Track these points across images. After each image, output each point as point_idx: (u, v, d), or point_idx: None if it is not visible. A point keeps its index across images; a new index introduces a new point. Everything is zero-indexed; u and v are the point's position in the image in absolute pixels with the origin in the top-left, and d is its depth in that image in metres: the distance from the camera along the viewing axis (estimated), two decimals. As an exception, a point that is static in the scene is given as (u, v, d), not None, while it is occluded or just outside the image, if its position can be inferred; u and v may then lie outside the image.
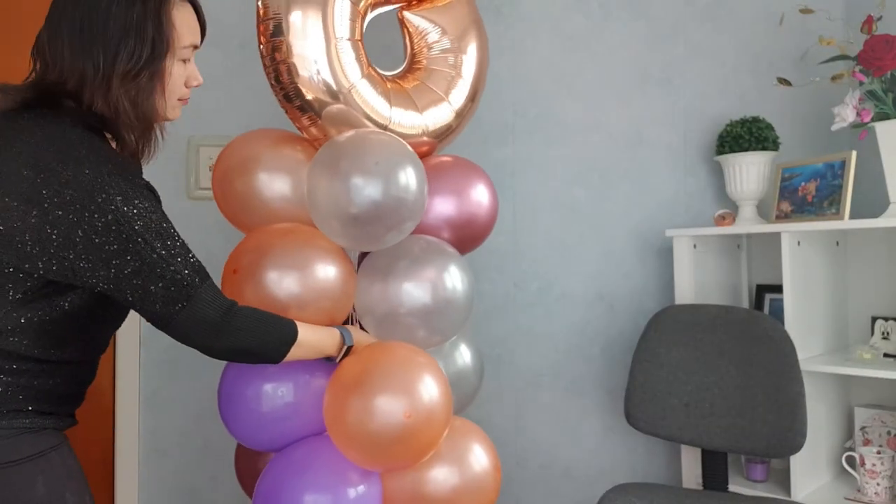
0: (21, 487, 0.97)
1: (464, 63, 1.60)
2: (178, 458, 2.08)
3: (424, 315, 1.42)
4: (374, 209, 1.34)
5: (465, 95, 1.60)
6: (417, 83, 1.56)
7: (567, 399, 2.17)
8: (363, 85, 1.42)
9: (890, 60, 1.65)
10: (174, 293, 1.03)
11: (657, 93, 2.17)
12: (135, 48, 1.05)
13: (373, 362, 1.32)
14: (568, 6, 2.19)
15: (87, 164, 0.98)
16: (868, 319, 1.93)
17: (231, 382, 1.39)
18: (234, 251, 1.40)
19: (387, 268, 1.43)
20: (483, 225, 1.61)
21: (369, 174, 1.34)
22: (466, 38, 1.62)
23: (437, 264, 1.44)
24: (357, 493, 1.31)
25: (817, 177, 1.86)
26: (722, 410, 1.70)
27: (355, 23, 1.43)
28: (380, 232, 1.38)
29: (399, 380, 1.30)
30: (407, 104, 1.50)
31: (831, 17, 1.98)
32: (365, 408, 1.27)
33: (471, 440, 1.46)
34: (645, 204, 2.16)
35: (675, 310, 1.85)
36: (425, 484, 1.38)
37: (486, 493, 1.44)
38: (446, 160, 1.63)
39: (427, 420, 1.30)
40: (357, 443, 1.29)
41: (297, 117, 1.44)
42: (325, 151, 1.39)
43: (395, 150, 1.39)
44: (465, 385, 1.59)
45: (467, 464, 1.42)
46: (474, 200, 1.57)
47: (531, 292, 2.17)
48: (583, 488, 2.15)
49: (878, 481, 1.69)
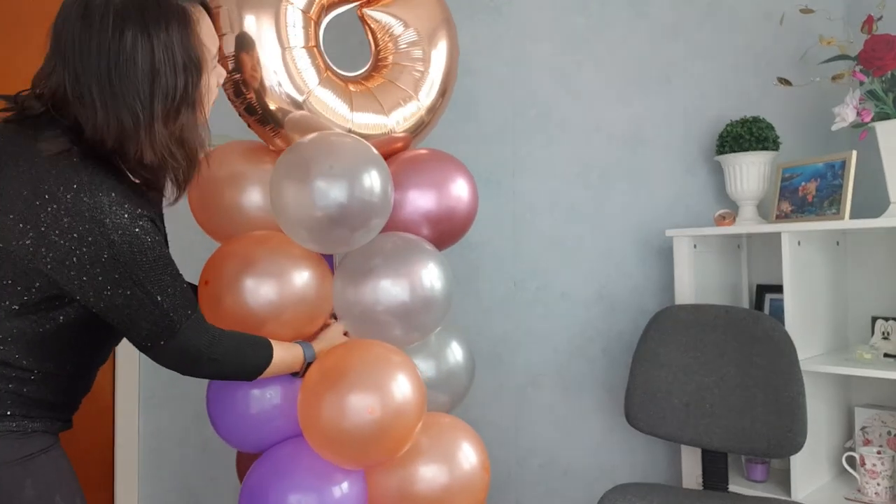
0: (9, 490, 0.97)
1: (432, 57, 1.57)
2: (178, 458, 2.08)
3: (402, 313, 1.41)
4: (338, 211, 1.33)
5: (436, 90, 1.57)
6: (383, 81, 1.54)
7: (567, 399, 2.17)
8: (321, 91, 1.42)
9: (890, 60, 1.65)
10: (159, 330, 1.05)
11: (657, 93, 2.17)
12: (168, 82, 0.99)
13: (343, 361, 1.34)
14: (568, 6, 2.19)
15: (86, 192, 0.95)
16: (868, 319, 1.93)
17: (218, 386, 1.42)
18: (207, 262, 1.40)
19: (360, 268, 1.42)
20: (463, 219, 1.58)
21: (329, 177, 1.33)
22: (434, 31, 1.59)
23: (412, 261, 1.43)
24: (342, 491, 1.32)
25: (817, 177, 1.86)
26: (722, 410, 1.70)
27: (308, 29, 1.43)
28: (345, 234, 1.37)
29: (368, 377, 1.31)
30: (371, 106, 1.49)
31: (832, 17, 1.98)
32: (334, 406, 1.29)
33: (459, 438, 1.46)
34: (645, 204, 2.16)
35: (676, 310, 1.85)
36: (413, 483, 1.38)
37: (475, 492, 1.44)
38: (423, 153, 1.59)
39: (396, 416, 1.30)
40: (329, 441, 1.31)
41: (261, 130, 1.45)
42: (285, 157, 1.39)
43: (356, 153, 1.38)
44: (456, 383, 1.58)
45: (455, 462, 1.42)
46: (454, 195, 1.55)
47: (531, 292, 2.17)
48: (583, 488, 2.15)
49: (878, 481, 1.69)
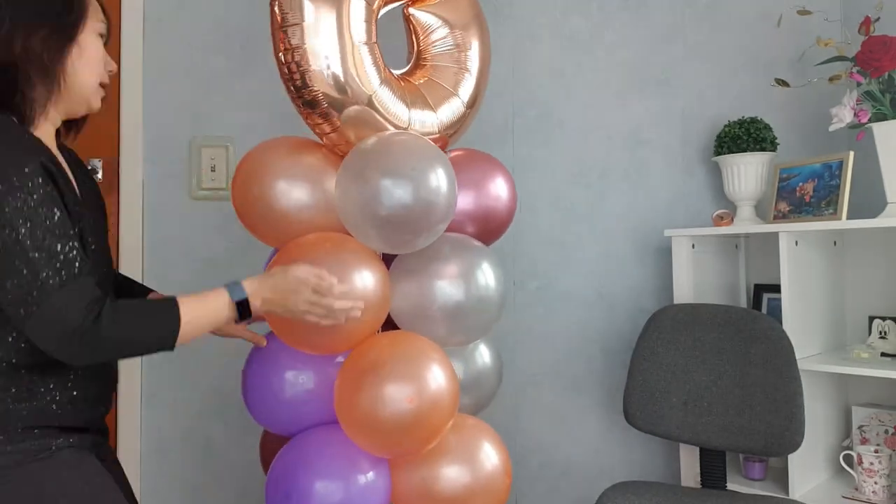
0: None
1: (469, 56, 1.61)
2: (180, 457, 2.09)
3: (457, 313, 1.45)
4: (405, 213, 1.34)
5: (473, 88, 1.61)
6: (426, 79, 1.57)
7: (566, 398, 2.18)
8: (383, 91, 1.42)
9: (887, 61, 1.66)
10: (25, 294, 0.95)
11: (656, 93, 2.18)
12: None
13: (386, 353, 1.36)
14: (568, 7, 2.20)
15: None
16: (865, 319, 1.94)
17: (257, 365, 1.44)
18: (268, 267, 1.40)
19: (418, 268, 1.46)
20: (502, 218, 1.63)
21: (402, 177, 1.34)
22: (470, 30, 1.63)
23: (467, 261, 1.47)
24: (367, 480, 1.35)
25: (815, 177, 1.87)
26: (720, 409, 1.71)
27: (371, 24, 1.42)
28: (409, 237, 1.39)
29: (408, 368, 1.33)
30: (422, 104, 1.51)
31: (829, 19, 1.99)
32: (374, 394, 1.30)
33: (482, 440, 1.47)
34: (644, 204, 2.17)
35: (674, 309, 1.86)
36: (435, 481, 1.40)
37: (496, 494, 1.45)
38: (461, 154, 1.64)
39: (432, 407, 1.33)
40: (365, 427, 1.32)
41: (318, 124, 1.42)
42: (352, 157, 1.39)
43: (426, 153, 1.39)
44: (485, 385, 1.61)
45: (478, 463, 1.43)
46: (493, 194, 1.60)
47: (531, 292, 2.18)
48: (582, 486, 2.16)
49: (875, 480, 1.70)
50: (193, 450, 2.10)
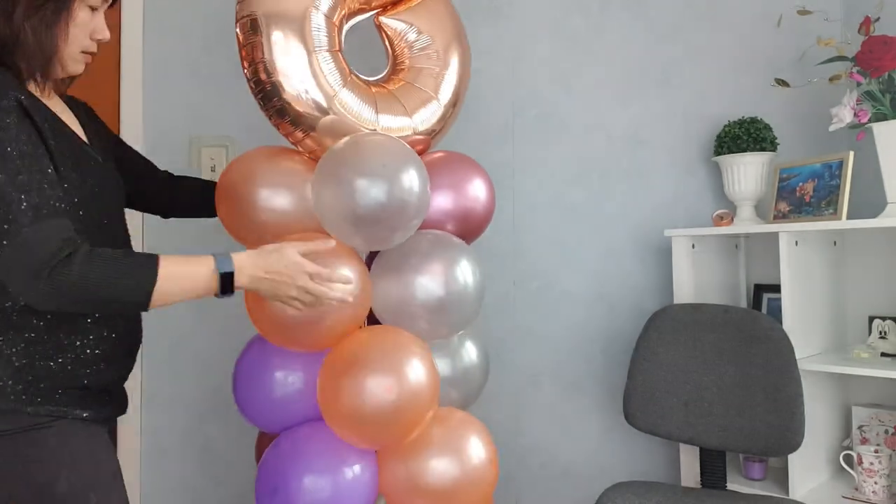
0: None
1: (445, 57, 1.64)
2: (179, 458, 2.09)
3: (438, 308, 1.47)
4: (379, 210, 1.37)
5: (452, 88, 1.63)
6: (402, 84, 1.60)
7: (567, 398, 2.18)
8: (345, 93, 1.46)
9: (888, 61, 1.66)
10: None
11: (656, 93, 2.18)
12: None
13: (365, 347, 1.39)
14: (568, 6, 2.20)
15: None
16: (865, 319, 1.94)
17: (247, 366, 1.48)
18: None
19: (398, 265, 1.48)
20: (481, 218, 1.66)
21: (374, 175, 1.38)
22: (445, 31, 1.65)
23: (446, 258, 1.50)
24: (354, 474, 1.37)
25: (815, 177, 1.87)
26: (720, 409, 1.71)
27: (332, 33, 1.47)
28: (387, 233, 1.42)
29: (386, 361, 1.36)
30: (394, 108, 1.54)
31: (829, 18, 1.99)
32: (355, 386, 1.33)
33: (469, 432, 1.49)
34: (644, 204, 2.17)
35: (674, 309, 1.86)
36: (423, 473, 1.42)
37: (482, 485, 1.47)
38: (441, 156, 1.66)
39: (412, 398, 1.35)
40: (348, 420, 1.35)
41: (290, 132, 1.47)
42: (326, 159, 1.43)
43: (396, 151, 1.43)
44: (472, 380, 1.63)
45: (465, 455, 1.45)
46: (471, 195, 1.62)
47: (531, 292, 2.18)
48: (582, 487, 2.16)
49: (875, 480, 1.70)
50: (193, 450, 2.10)
